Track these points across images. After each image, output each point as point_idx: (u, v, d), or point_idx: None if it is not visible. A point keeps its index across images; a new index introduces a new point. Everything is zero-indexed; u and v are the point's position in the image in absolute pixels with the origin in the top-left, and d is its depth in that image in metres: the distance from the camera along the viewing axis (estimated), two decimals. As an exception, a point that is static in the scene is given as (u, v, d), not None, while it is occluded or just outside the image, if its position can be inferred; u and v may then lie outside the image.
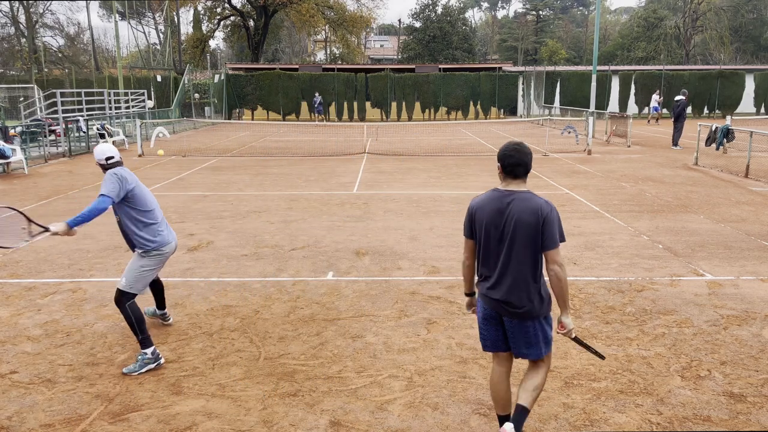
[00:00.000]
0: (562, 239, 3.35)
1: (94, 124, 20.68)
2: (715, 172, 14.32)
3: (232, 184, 12.92)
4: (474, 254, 3.50)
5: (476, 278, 3.54)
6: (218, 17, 50.37)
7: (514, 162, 3.34)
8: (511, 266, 3.30)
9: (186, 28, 52.80)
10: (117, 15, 32.24)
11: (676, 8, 63.57)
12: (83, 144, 19.58)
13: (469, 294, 3.65)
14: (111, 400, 4.09)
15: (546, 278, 3.38)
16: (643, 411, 3.90)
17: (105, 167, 4.56)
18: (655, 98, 30.84)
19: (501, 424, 3.49)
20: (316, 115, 32.46)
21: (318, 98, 32.90)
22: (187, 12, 53.25)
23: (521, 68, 42.45)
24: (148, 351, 4.50)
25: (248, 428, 3.74)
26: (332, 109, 36.41)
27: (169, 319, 5.38)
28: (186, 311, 5.68)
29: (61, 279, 6.64)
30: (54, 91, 21.60)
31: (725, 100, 36.93)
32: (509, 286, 3.30)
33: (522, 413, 3.40)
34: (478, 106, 37.41)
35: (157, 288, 5.20)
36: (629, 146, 19.91)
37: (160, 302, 5.30)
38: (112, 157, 4.59)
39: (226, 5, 47.92)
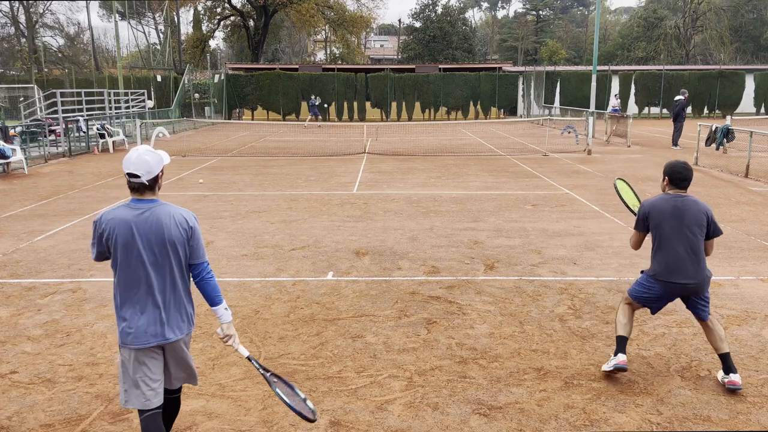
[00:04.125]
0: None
1: (94, 124, 20.66)
2: (715, 172, 14.32)
3: (232, 184, 12.92)
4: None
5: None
6: (218, 17, 50.39)
7: (683, 177, 4.26)
8: None
9: (186, 28, 52.86)
10: (117, 15, 32.23)
11: (676, 8, 63.55)
12: (83, 144, 19.57)
13: None
14: (111, 400, 4.09)
15: None
16: (643, 411, 3.90)
17: (156, 183, 3.13)
18: (615, 103, 27.96)
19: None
20: (311, 116, 32.04)
21: (314, 100, 31.89)
22: (187, 12, 53.29)
23: (521, 68, 42.46)
24: None
25: (248, 428, 3.74)
26: (332, 109, 36.41)
27: None
28: (186, 311, 5.68)
29: (61, 279, 6.64)
30: (54, 91, 21.58)
31: (725, 100, 36.93)
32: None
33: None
34: (478, 106, 37.41)
35: (167, 412, 3.37)
36: (629, 146, 19.91)
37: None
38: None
39: (226, 5, 47.92)
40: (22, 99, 24.09)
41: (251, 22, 49.04)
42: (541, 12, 77.29)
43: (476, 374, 4.41)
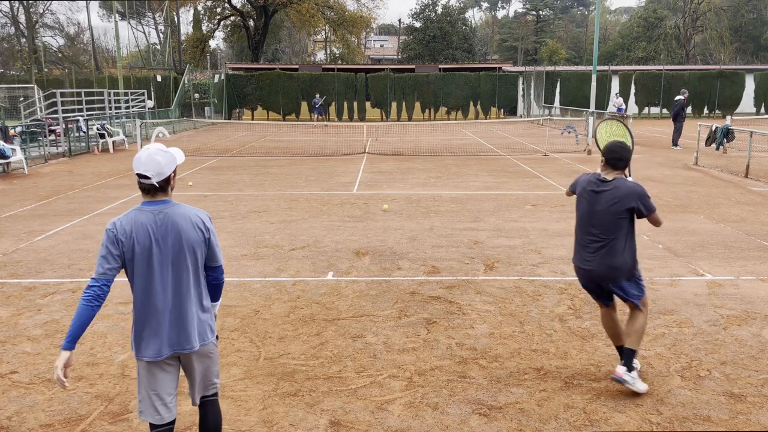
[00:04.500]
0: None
1: (94, 124, 20.66)
2: (715, 172, 14.32)
3: (232, 184, 12.92)
4: None
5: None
6: (218, 17, 50.37)
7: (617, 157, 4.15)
8: None
9: (186, 28, 52.83)
10: (117, 15, 32.23)
11: (676, 8, 63.55)
12: (83, 144, 19.57)
13: None
14: (111, 400, 4.09)
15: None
16: (643, 411, 3.90)
17: (169, 184, 2.92)
18: (614, 100, 26.51)
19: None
20: (316, 116, 32.32)
21: (318, 99, 32.44)
22: (187, 12, 53.27)
23: (521, 68, 42.46)
24: None
25: (248, 428, 3.74)
26: (332, 109, 36.41)
27: None
28: (186, 311, 5.68)
29: (61, 279, 6.64)
30: (54, 91, 21.58)
31: (725, 100, 36.93)
32: None
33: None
34: (478, 106, 37.41)
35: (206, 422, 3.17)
36: (629, 146, 19.88)
37: None
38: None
39: (226, 5, 47.92)
40: (22, 99, 24.10)
41: (251, 22, 49.04)
42: (541, 12, 77.29)
43: (476, 374, 4.41)
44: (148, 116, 26.53)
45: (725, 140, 17.57)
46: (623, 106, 26.18)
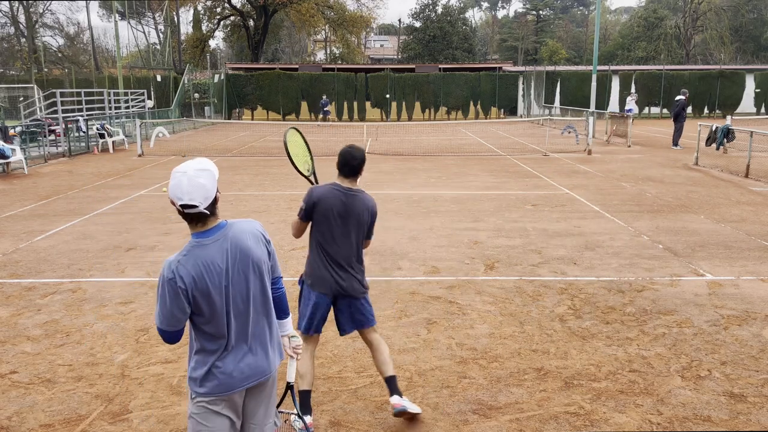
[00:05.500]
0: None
1: (93, 124, 20.66)
2: (716, 172, 14.32)
3: (232, 184, 12.92)
4: None
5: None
6: (218, 17, 50.38)
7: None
8: None
9: (186, 28, 52.82)
10: (117, 15, 32.23)
11: (677, 8, 63.58)
12: (83, 144, 19.57)
13: None
14: (111, 400, 4.09)
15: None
16: (643, 411, 3.90)
17: (216, 205, 2.47)
18: (630, 99, 26.55)
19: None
20: (321, 116, 32.51)
21: (325, 101, 32.85)
22: (186, 12, 53.26)
23: (521, 68, 42.47)
24: None
25: (248, 428, 3.73)
26: (332, 108, 36.42)
27: None
28: (186, 311, 5.67)
29: (61, 279, 6.64)
30: (54, 91, 21.58)
31: (725, 100, 36.94)
32: None
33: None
34: (478, 106, 37.41)
35: None
36: (629, 146, 19.90)
37: None
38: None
39: (226, 5, 47.92)
40: (21, 99, 24.09)
41: (251, 22, 49.04)
42: (541, 12, 77.29)
43: (476, 374, 4.41)
44: (148, 116, 26.53)
45: (725, 140, 17.57)
46: (632, 108, 25.90)
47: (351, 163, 3.75)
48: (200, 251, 2.38)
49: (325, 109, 32.60)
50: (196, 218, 2.40)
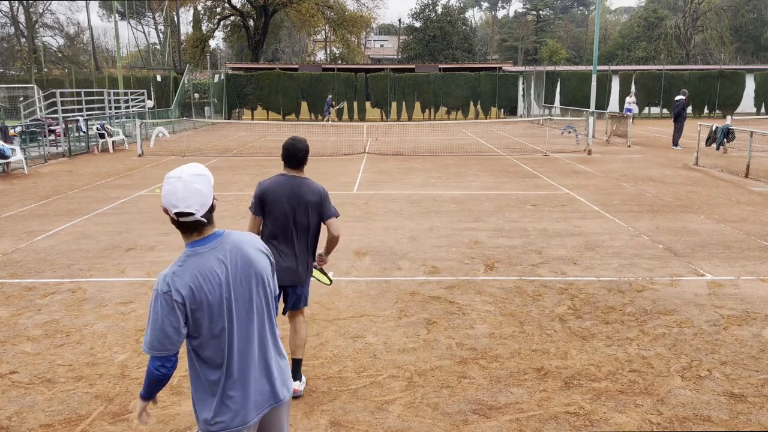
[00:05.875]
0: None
1: (93, 124, 20.66)
2: (716, 172, 14.32)
3: (232, 184, 12.92)
4: None
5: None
6: (218, 17, 50.37)
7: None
8: None
9: (186, 28, 52.82)
10: (117, 15, 32.23)
11: (677, 8, 63.58)
12: (83, 144, 19.57)
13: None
14: (111, 400, 4.09)
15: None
16: (643, 411, 3.90)
17: (213, 212, 2.32)
18: (629, 100, 26.17)
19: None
20: (326, 116, 32.52)
21: (330, 100, 32.89)
22: (186, 12, 53.26)
23: (521, 68, 42.46)
24: None
25: (248, 428, 3.73)
26: (332, 108, 36.40)
27: None
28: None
29: (61, 279, 6.64)
30: (54, 91, 21.58)
31: (725, 100, 36.93)
32: None
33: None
34: (478, 106, 37.40)
35: None
36: (629, 146, 19.90)
37: None
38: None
39: (226, 5, 47.91)
40: (21, 99, 24.09)
41: (251, 22, 49.03)
42: (541, 12, 77.30)
43: (476, 374, 4.41)
44: (148, 116, 26.53)
45: (725, 140, 17.57)
46: (631, 108, 25.78)
47: (297, 155, 4.03)
48: (197, 260, 2.21)
49: (333, 107, 32.59)
50: (192, 227, 2.23)
